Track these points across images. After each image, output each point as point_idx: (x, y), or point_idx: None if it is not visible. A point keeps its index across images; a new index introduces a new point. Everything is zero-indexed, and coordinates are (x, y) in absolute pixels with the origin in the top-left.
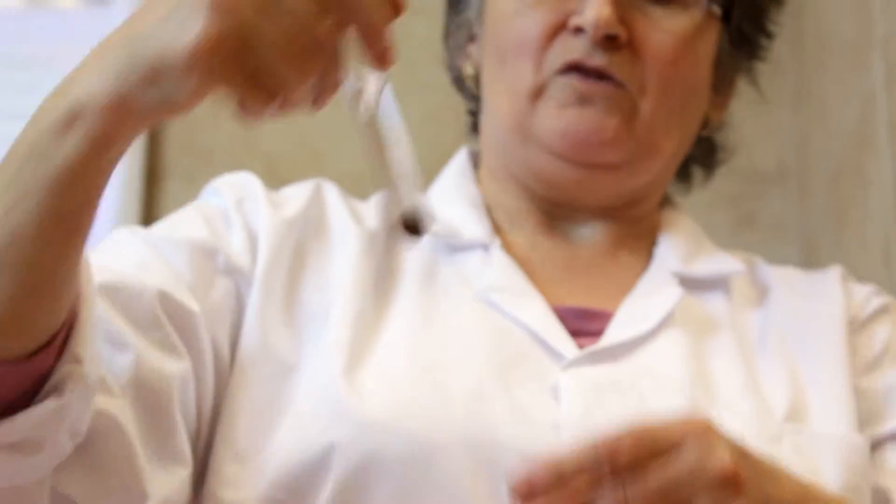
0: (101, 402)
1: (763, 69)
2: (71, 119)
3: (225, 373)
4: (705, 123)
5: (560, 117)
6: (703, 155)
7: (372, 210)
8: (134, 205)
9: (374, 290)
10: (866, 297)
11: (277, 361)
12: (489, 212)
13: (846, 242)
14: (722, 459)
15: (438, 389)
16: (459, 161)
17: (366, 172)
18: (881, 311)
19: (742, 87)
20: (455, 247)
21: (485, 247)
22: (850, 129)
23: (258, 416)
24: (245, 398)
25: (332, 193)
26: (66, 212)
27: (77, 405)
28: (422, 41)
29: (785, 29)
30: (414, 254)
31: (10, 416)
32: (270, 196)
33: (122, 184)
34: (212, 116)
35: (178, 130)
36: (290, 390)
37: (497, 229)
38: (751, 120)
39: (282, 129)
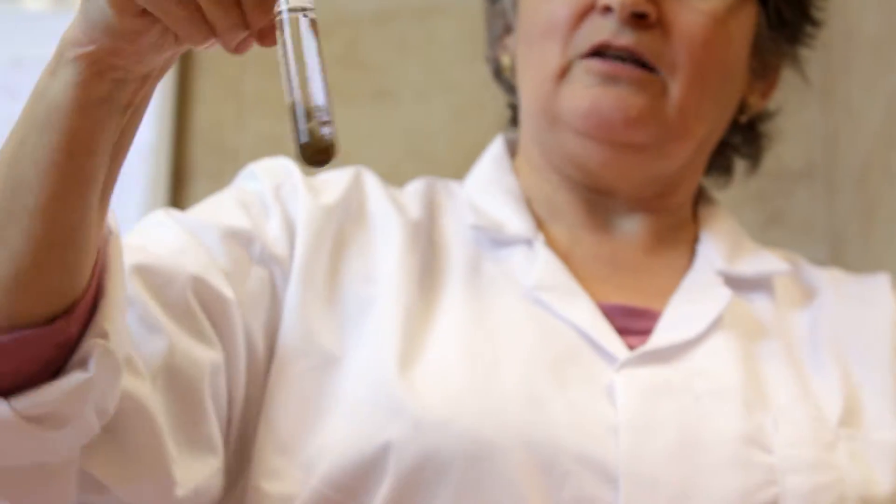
0: (130, 383)
1: (789, 68)
2: (58, 57)
3: (259, 363)
4: (743, 109)
5: (584, 97)
6: (743, 144)
7: (412, 199)
8: (160, 205)
9: (420, 284)
10: None
11: (321, 352)
12: (529, 204)
13: (874, 239)
14: None
15: (494, 389)
16: (496, 150)
17: (397, 173)
18: None
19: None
20: (498, 241)
21: (528, 242)
22: (877, 127)
23: (303, 408)
24: (289, 389)
25: (371, 180)
26: (63, 155)
27: (103, 381)
28: (448, 41)
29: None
30: (457, 246)
31: (34, 388)
32: (309, 181)
33: (148, 183)
34: (238, 116)
35: (205, 130)
36: (337, 382)
37: (538, 223)
38: (778, 118)
39: None
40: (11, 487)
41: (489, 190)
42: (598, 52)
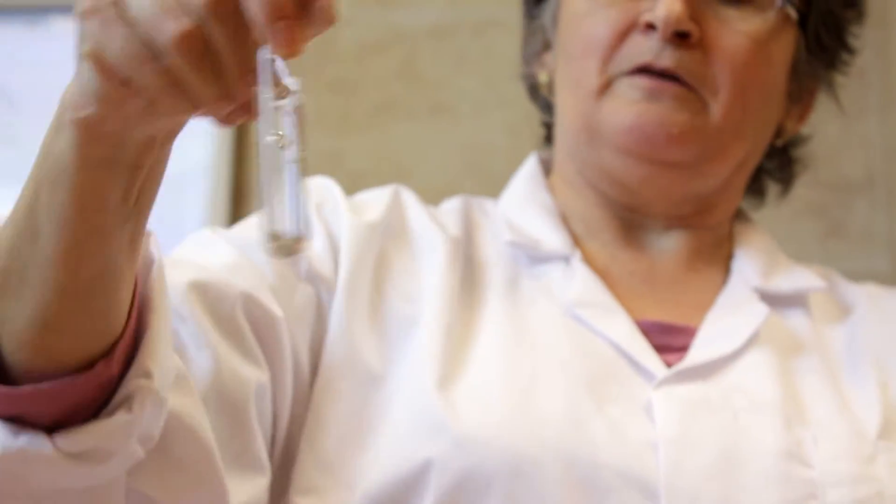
0: (179, 402)
1: (848, 78)
2: (58, 116)
3: (304, 381)
4: (779, 133)
5: (627, 113)
6: (777, 168)
7: (450, 217)
8: (220, 223)
9: (461, 301)
10: None
11: (365, 371)
12: (564, 221)
13: None
14: None
15: (533, 406)
16: (530, 167)
17: (448, 188)
18: None
19: (826, 97)
20: (536, 258)
21: (566, 258)
22: None
23: (347, 426)
24: (333, 408)
25: (410, 198)
26: (74, 211)
27: (148, 418)
28: (506, 56)
29: (870, 38)
30: (495, 263)
31: (78, 424)
32: (349, 201)
33: (207, 202)
34: None
35: None
36: (380, 401)
37: (574, 239)
38: (837, 129)
39: (366, 146)
40: None
41: (524, 207)
42: (641, 70)
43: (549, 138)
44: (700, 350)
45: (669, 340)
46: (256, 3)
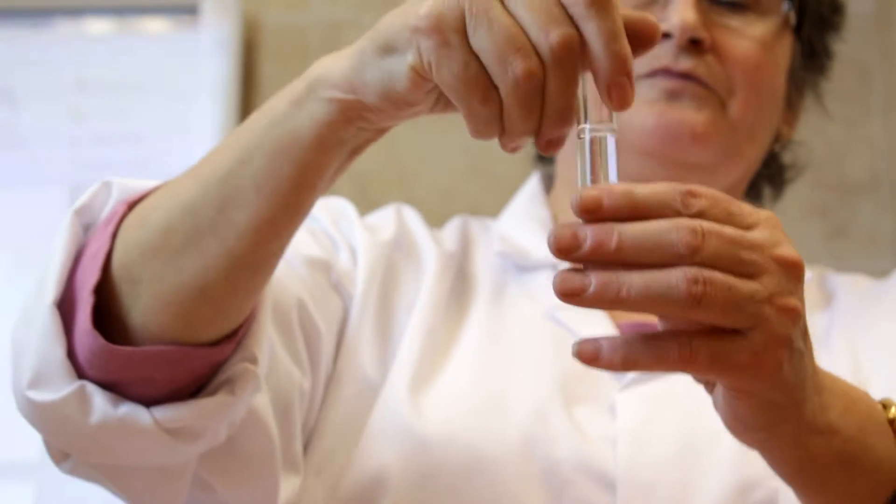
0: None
1: (853, 80)
2: (308, 91)
3: (325, 391)
4: (777, 138)
5: (649, 113)
6: (772, 173)
7: (449, 234)
8: None
9: (447, 310)
10: None
11: (364, 380)
12: None
13: None
14: (791, 248)
15: (498, 405)
16: (531, 185)
17: (452, 189)
18: None
19: (831, 100)
20: (524, 267)
21: (553, 266)
22: None
23: (340, 434)
24: (330, 414)
25: (411, 216)
26: (289, 185)
27: (245, 402)
28: None
29: (874, 40)
30: (485, 274)
31: (175, 400)
32: (361, 220)
33: None
34: None
35: None
36: (369, 409)
37: None
38: (841, 131)
39: (371, 148)
40: (130, 485)
41: (521, 221)
42: (659, 72)
43: (541, 157)
44: None
45: None
46: (610, 57)
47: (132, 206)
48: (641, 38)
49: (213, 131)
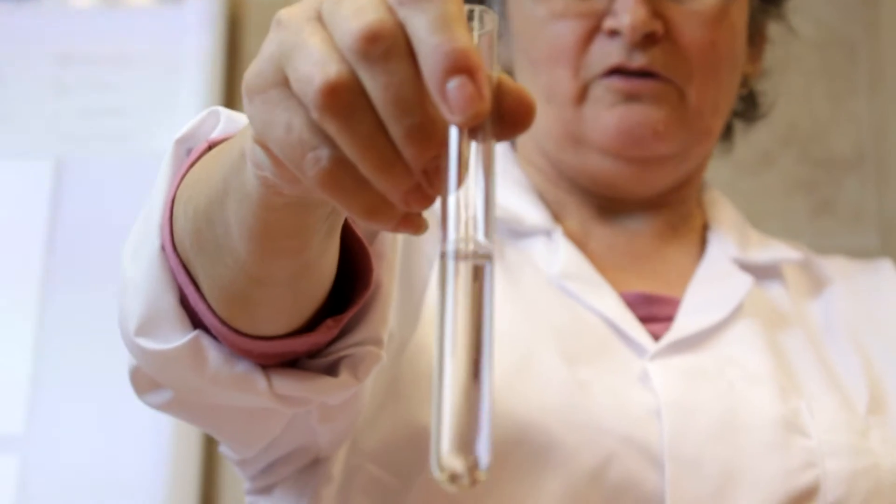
0: None
1: (838, 56)
2: (244, 146)
3: None
4: (744, 81)
5: (610, 116)
6: (744, 109)
7: None
8: None
9: None
10: None
11: (395, 341)
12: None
13: None
14: None
15: (535, 370)
16: (499, 145)
17: None
18: None
19: (817, 75)
20: (518, 232)
21: (547, 233)
22: None
23: (363, 387)
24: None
25: None
26: (257, 229)
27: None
28: None
29: (860, 15)
30: None
31: (295, 374)
32: None
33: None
34: None
35: None
36: (397, 366)
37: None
38: (827, 107)
39: None
40: (225, 423)
41: (501, 181)
42: (615, 71)
43: None
44: (686, 320)
45: (654, 311)
46: (432, 53)
47: (213, 146)
48: (515, 116)
49: (198, 105)
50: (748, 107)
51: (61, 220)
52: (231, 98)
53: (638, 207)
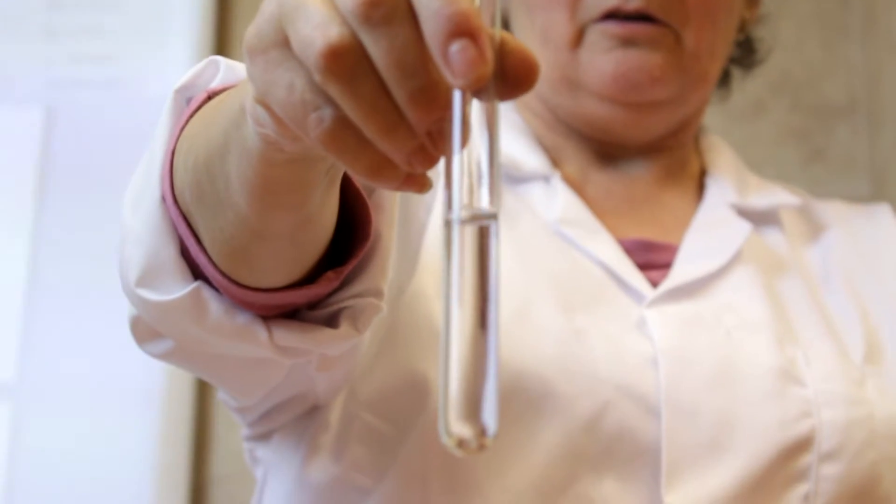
0: None
1: (831, 2)
2: (243, 100)
3: None
4: (741, 26)
5: (606, 61)
6: (740, 57)
7: None
8: None
9: None
10: None
11: (393, 287)
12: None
13: None
14: None
15: (532, 318)
16: None
17: None
18: None
19: (809, 22)
20: (516, 178)
21: (545, 178)
22: None
23: (367, 344)
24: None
25: None
26: (257, 184)
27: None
28: None
29: None
30: None
31: (296, 326)
32: None
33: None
34: None
35: None
36: (395, 315)
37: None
38: (819, 54)
39: None
40: (225, 372)
41: (502, 129)
42: (611, 15)
43: None
44: (684, 267)
45: (652, 258)
46: (433, 17)
47: (212, 96)
48: (518, 76)
49: (189, 51)
50: (745, 53)
51: (52, 167)
52: (223, 44)
53: (635, 153)
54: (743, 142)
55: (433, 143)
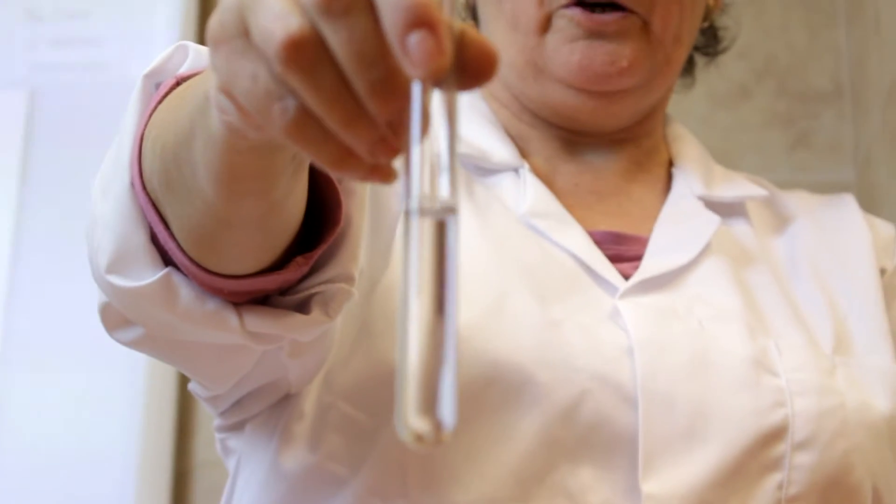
0: None
1: None
2: (207, 89)
3: None
4: (706, 14)
5: (572, 51)
6: (704, 45)
7: None
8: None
9: None
10: (892, 240)
11: (367, 279)
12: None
13: None
14: None
15: (508, 308)
16: None
17: None
18: None
19: (794, 6)
20: (485, 169)
21: (514, 170)
22: None
23: (344, 335)
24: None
25: None
26: (222, 171)
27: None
28: None
29: None
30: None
31: (266, 311)
32: None
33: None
34: None
35: None
36: (370, 307)
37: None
38: (805, 39)
39: None
40: (196, 359)
41: (467, 116)
42: (579, 1)
43: None
44: (655, 259)
45: (622, 250)
46: (391, 7)
47: (181, 81)
48: (477, 66)
49: (173, 34)
50: (709, 41)
51: (36, 150)
52: (205, 27)
53: (602, 142)
54: (728, 127)
55: (394, 133)
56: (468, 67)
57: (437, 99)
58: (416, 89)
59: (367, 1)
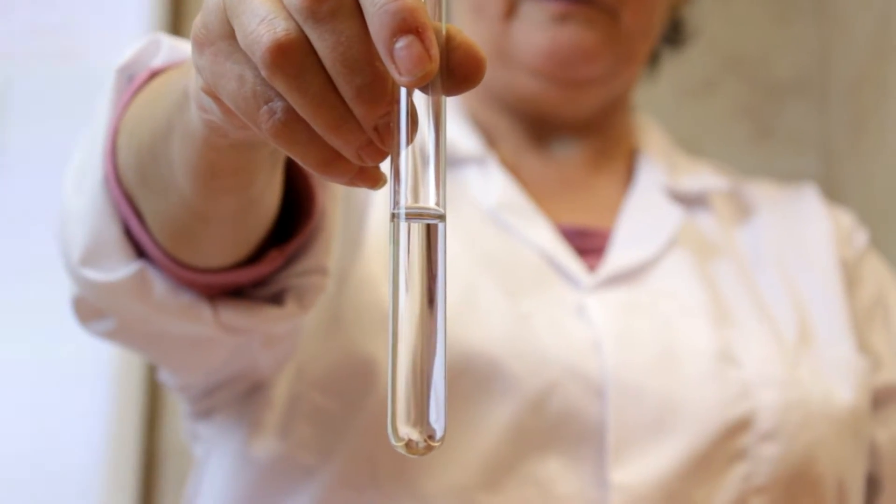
0: None
1: None
2: (188, 85)
3: None
4: (674, 6)
5: (540, 37)
6: (671, 35)
7: None
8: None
9: None
10: (852, 229)
11: (336, 272)
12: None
13: (865, 153)
14: None
15: (475, 301)
16: None
17: None
18: (867, 253)
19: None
20: (451, 161)
21: (480, 161)
22: (869, 39)
23: (315, 326)
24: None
25: None
26: (200, 166)
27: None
28: None
29: None
30: None
31: (240, 303)
32: None
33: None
34: None
35: None
36: (341, 298)
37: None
38: (770, 31)
39: None
40: (168, 351)
41: None
42: None
43: None
44: (619, 253)
45: (587, 244)
46: (378, 14)
47: (155, 75)
48: (464, 71)
49: (146, 23)
50: (671, 32)
51: (8, 139)
52: (178, 16)
53: (568, 132)
54: (693, 119)
55: (381, 137)
56: (455, 71)
57: (423, 103)
58: (402, 94)
59: (354, 5)
